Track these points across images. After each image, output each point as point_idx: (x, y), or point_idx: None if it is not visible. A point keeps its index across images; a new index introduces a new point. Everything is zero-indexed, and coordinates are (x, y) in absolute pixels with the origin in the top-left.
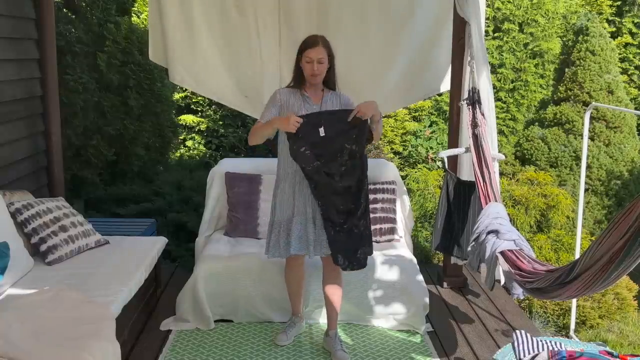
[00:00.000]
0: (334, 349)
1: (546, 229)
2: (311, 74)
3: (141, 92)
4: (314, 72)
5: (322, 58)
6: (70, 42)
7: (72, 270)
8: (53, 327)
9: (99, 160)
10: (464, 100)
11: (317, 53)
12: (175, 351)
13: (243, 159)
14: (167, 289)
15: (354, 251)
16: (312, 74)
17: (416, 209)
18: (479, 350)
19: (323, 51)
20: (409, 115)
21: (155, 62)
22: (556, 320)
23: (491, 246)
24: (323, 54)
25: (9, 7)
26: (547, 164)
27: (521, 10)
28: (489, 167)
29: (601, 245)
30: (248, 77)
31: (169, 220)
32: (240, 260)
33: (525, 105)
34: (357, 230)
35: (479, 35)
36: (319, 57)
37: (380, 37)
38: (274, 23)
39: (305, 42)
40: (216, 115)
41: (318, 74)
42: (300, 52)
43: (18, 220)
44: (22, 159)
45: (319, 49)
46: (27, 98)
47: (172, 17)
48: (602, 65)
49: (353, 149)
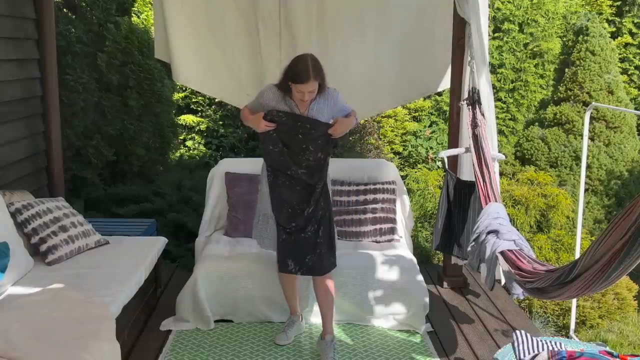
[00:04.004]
0: (325, 356)
1: (546, 229)
2: (301, 99)
3: (141, 92)
4: (304, 100)
5: (313, 90)
6: (70, 42)
7: (72, 270)
8: (53, 327)
9: (99, 160)
10: (464, 100)
11: (308, 87)
12: (175, 351)
13: (243, 159)
14: (167, 289)
15: (302, 256)
16: (302, 100)
17: (416, 209)
18: (479, 350)
19: (315, 84)
20: (409, 115)
21: (160, 59)
22: (556, 320)
23: (491, 246)
24: (314, 86)
25: (9, 7)
26: (547, 164)
27: (521, 10)
28: (489, 167)
29: (601, 245)
30: (249, 76)
31: (169, 220)
32: (240, 260)
33: (525, 105)
34: (305, 235)
35: (479, 35)
36: (310, 90)
37: (377, 36)
38: (275, 23)
39: (296, 74)
40: (216, 115)
41: (307, 100)
42: (289, 78)
43: (18, 220)
44: (22, 159)
45: (311, 83)
46: (27, 98)
47: (174, 17)
48: (602, 65)
49: (319, 156)
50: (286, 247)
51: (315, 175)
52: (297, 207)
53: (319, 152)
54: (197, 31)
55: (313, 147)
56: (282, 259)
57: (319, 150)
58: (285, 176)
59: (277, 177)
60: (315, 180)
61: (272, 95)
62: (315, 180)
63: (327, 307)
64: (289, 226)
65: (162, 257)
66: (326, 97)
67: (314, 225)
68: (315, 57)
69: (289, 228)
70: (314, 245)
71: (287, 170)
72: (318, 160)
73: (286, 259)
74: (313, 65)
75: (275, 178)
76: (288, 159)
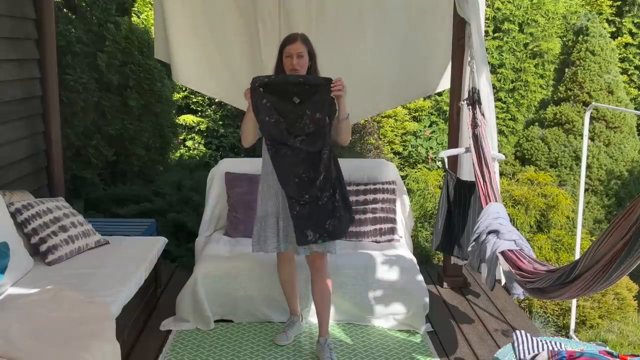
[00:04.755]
0: (322, 357)
1: (546, 229)
2: (291, 68)
3: (141, 92)
4: (294, 66)
5: (301, 52)
6: (70, 42)
7: (72, 271)
8: (53, 327)
9: (99, 160)
10: (464, 101)
11: (296, 48)
12: (175, 351)
13: (243, 159)
14: (167, 289)
15: (322, 223)
16: (292, 69)
17: (416, 209)
18: (479, 350)
19: (302, 46)
20: (409, 115)
21: (160, 59)
22: (556, 320)
23: (491, 246)
24: (302, 48)
25: (9, 7)
26: (547, 164)
27: (521, 10)
28: (489, 167)
29: (602, 246)
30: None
31: (169, 220)
32: (240, 260)
33: (525, 105)
34: (321, 203)
35: (478, 35)
36: (298, 52)
37: (377, 36)
38: (274, 23)
39: (285, 39)
40: (216, 115)
41: (298, 69)
42: (280, 49)
43: (18, 220)
44: (22, 159)
45: (298, 44)
46: (27, 98)
47: (174, 17)
48: (602, 65)
49: (317, 117)
50: (302, 220)
51: (317, 142)
52: (304, 176)
53: (317, 113)
54: (197, 31)
55: (310, 110)
56: (299, 231)
57: (317, 111)
58: (286, 147)
59: (278, 149)
60: (319, 147)
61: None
62: (319, 147)
63: (323, 307)
64: (302, 199)
65: (162, 257)
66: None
67: (329, 190)
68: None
69: (302, 200)
70: (332, 210)
71: (287, 142)
72: (317, 122)
73: (304, 230)
74: (301, 35)
75: (276, 151)
76: (284, 130)
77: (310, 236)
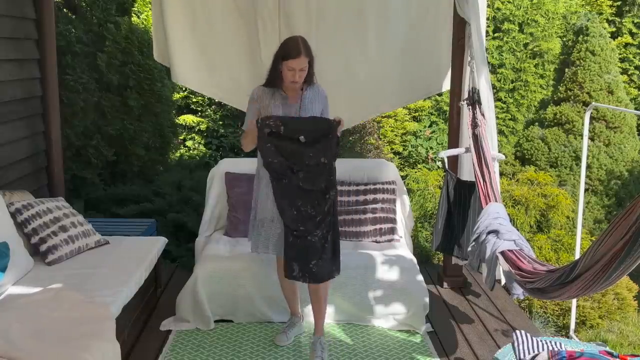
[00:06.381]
0: (312, 356)
1: (546, 229)
2: (292, 81)
3: (141, 92)
4: (295, 79)
5: (304, 67)
6: (70, 42)
7: (72, 271)
8: (53, 327)
9: (99, 160)
10: (464, 101)
11: (299, 63)
12: (175, 351)
13: (243, 159)
14: (167, 289)
15: (307, 261)
16: (293, 81)
17: (416, 209)
18: (479, 350)
19: (305, 60)
20: (409, 115)
21: (160, 62)
22: (556, 320)
23: (491, 246)
24: (305, 63)
25: (9, 7)
26: (547, 164)
27: (521, 10)
28: (489, 167)
29: (602, 246)
30: (248, 77)
31: (168, 220)
32: (240, 260)
33: (525, 106)
34: (312, 240)
35: (478, 36)
36: (301, 67)
37: (378, 37)
38: (274, 23)
39: (287, 50)
40: (216, 115)
41: (298, 81)
42: (280, 58)
43: (18, 220)
44: (22, 159)
45: (302, 59)
46: (27, 98)
47: (173, 18)
48: (602, 65)
49: (322, 161)
50: (292, 250)
51: (318, 180)
52: (302, 210)
53: (321, 157)
54: (196, 32)
55: (314, 153)
56: (288, 261)
57: (321, 155)
58: (287, 179)
59: (279, 180)
60: (319, 185)
61: (262, 93)
62: (319, 185)
63: (318, 306)
64: (297, 229)
65: (162, 257)
66: (316, 90)
67: (323, 230)
68: (304, 38)
69: (296, 230)
70: (320, 249)
71: (288, 176)
72: (320, 164)
73: (292, 261)
74: (303, 43)
75: (278, 181)
76: (287, 168)
77: (296, 271)
